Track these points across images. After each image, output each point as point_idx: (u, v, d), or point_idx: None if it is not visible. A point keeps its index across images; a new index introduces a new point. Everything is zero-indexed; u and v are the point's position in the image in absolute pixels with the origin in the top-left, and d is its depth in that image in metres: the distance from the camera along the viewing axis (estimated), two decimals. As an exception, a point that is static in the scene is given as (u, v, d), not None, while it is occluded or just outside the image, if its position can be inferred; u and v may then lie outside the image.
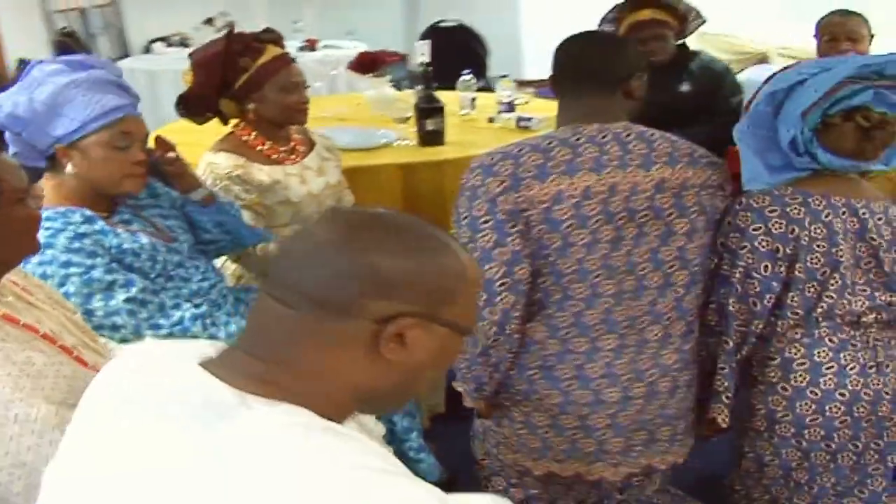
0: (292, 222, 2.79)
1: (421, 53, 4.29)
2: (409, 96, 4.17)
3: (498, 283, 1.99)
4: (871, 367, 2.10)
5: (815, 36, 3.64)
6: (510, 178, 2.00)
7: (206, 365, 1.11)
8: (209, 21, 6.74)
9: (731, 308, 2.15)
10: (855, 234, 2.11)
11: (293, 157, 2.83)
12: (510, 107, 4.14)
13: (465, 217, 2.04)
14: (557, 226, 1.99)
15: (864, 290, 2.11)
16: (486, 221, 2.00)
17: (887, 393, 2.10)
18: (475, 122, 4.14)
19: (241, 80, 2.68)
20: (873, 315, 2.11)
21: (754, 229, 2.10)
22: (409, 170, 3.43)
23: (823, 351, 2.10)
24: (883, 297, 2.12)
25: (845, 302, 2.10)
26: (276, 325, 1.11)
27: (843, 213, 2.11)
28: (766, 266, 2.10)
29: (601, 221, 2.00)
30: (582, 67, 2.11)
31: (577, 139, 2.03)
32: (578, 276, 2.03)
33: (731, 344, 2.17)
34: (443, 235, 1.18)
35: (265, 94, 2.69)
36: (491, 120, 4.06)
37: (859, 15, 3.57)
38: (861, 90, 2.04)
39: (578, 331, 2.08)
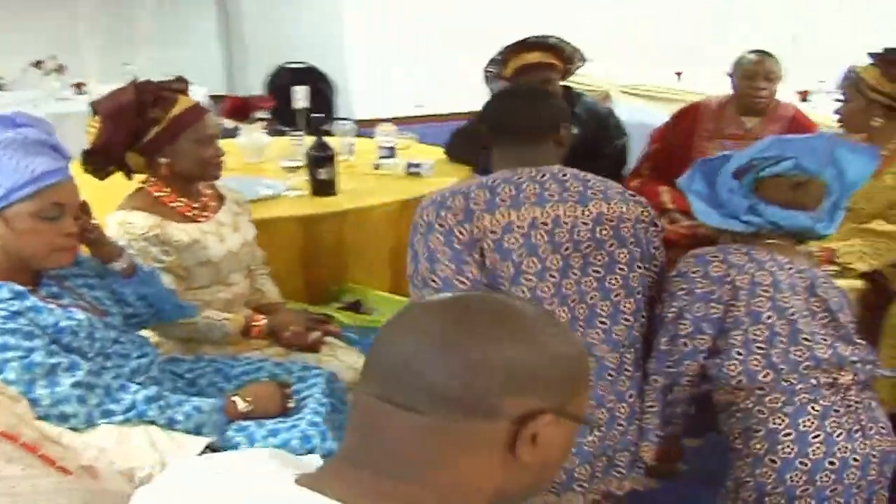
0: (212, 284, 2.58)
1: (298, 98, 4.12)
2: (288, 143, 3.99)
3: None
4: (856, 431, 2.09)
5: (731, 75, 3.76)
6: (463, 211, 2.13)
7: (312, 485, 0.96)
8: (38, 64, 6.29)
9: (662, 347, 2.21)
10: (806, 289, 2.19)
11: (206, 213, 2.62)
12: (391, 152, 4.04)
13: (424, 253, 2.15)
14: (509, 255, 2.12)
15: (825, 339, 2.15)
16: (444, 253, 2.12)
17: (874, 456, 2.09)
18: (356, 168, 4.01)
19: (152, 132, 2.46)
20: (850, 376, 2.13)
21: (693, 272, 2.20)
22: (310, 222, 3.28)
23: (808, 419, 2.09)
24: (846, 351, 2.15)
25: (802, 349, 2.11)
26: (398, 433, 0.97)
27: (790, 268, 2.20)
28: (699, 307, 2.17)
29: (549, 251, 2.13)
30: (518, 122, 2.28)
31: (519, 178, 2.19)
32: None
33: (659, 382, 2.22)
34: (553, 317, 1.08)
35: (180, 146, 2.47)
36: (377, 167, 3.95)
37: (772, 55, 3.71)
38: (783, 160, 2.24)
39: None
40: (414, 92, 8.67)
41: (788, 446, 2.08)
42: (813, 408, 2.10)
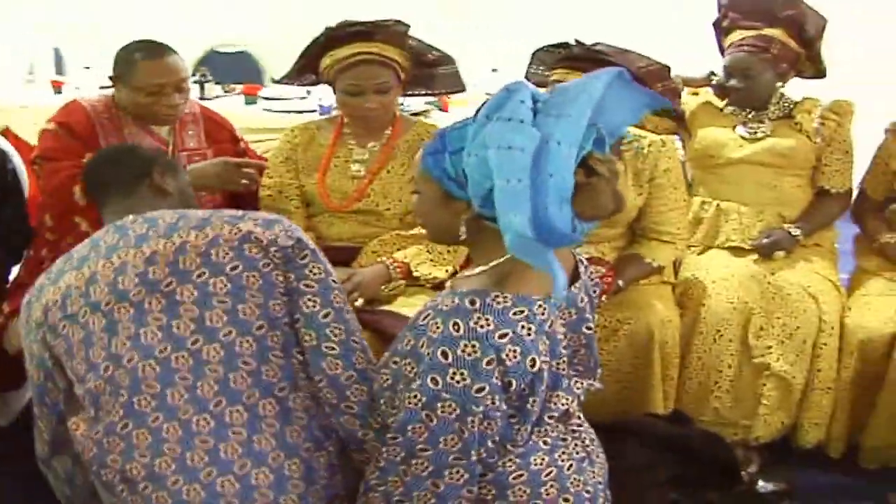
0: None
1: None
2: None
3: (37, 398, 2.00)
4: (583, 460, 1.91)
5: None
6: (37, 290, 1.98)
7: None
8: None
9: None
10: (568, 326, 1.91)
11: None
12: None
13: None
14: (74, 319, 1.92)
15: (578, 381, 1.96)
16: (26, 338, 1.98)
17: (600, 483, 1.94)
18: None
19: None
20: (575, 400, 1.93)
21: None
22: None
23: (539, 457, 1.84)
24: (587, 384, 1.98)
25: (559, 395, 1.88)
26: None
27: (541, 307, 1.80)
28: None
29: (88, 312, 1.92)
30: (104, 178, 2.21)
31: (100, 233, 2.04)
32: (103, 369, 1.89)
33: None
34: None
35: None
36: None
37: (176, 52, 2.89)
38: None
39: (133, 423, 1.87)
40: None
41: (520, 489, 1.82)
42: (544, 442, 1.85)
